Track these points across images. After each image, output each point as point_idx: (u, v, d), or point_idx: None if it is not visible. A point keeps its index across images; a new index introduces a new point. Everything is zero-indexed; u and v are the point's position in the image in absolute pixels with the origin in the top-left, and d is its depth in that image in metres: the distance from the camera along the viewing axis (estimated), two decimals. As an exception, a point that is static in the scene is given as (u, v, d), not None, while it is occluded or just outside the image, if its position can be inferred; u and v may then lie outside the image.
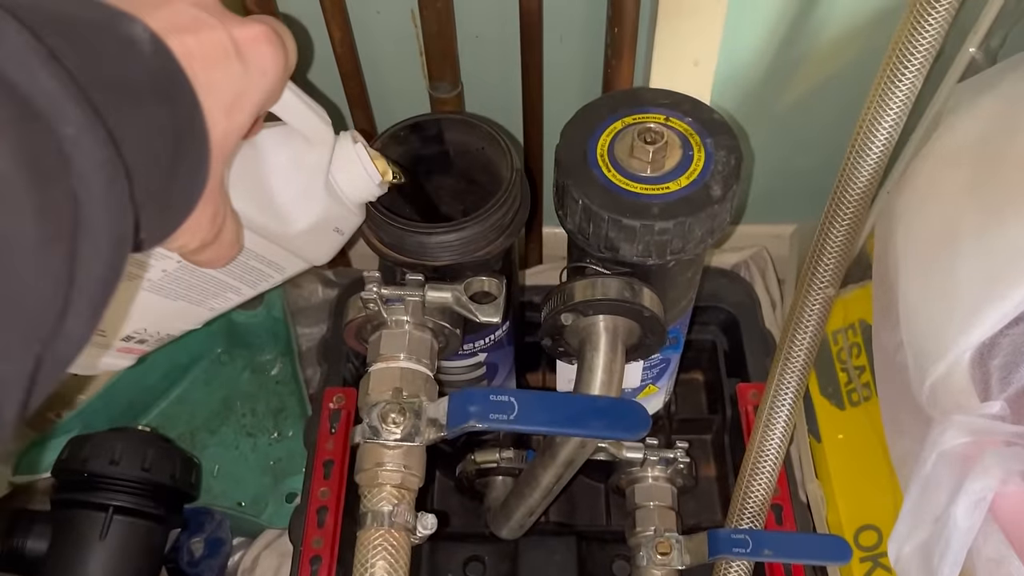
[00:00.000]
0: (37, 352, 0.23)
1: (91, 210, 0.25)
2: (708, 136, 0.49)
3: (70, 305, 0.24)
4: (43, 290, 0.23)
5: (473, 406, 0.43)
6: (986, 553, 0.48)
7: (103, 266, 0.26)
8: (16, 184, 0.22)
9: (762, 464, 0.63)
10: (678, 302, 0.55)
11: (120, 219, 0.27)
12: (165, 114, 0.29)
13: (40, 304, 0.23)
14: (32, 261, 0.22)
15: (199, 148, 0.32)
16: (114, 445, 0.66)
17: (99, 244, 0.25)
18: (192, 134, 0.31)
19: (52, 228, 0.23)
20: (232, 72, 0.33)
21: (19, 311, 0.22)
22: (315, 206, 0.46)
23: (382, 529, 0.44)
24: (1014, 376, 0.47)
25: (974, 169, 0.53)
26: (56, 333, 0.24)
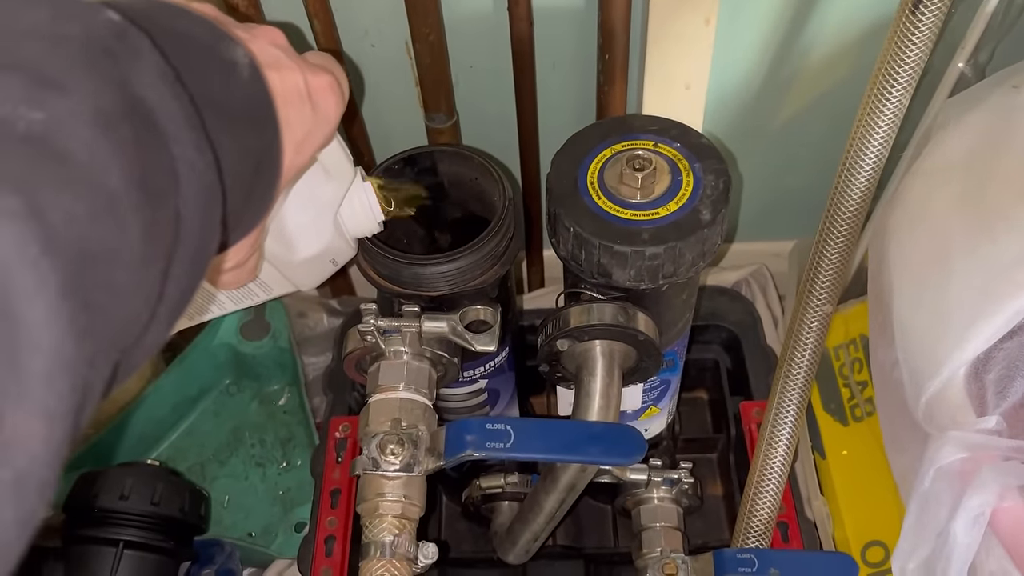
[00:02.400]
0: (116, 360, 0.23)
1: (189, 230, 0.26)
2: (696, 161, 0.50)
3: (154, 319, 0.25)
4: (135, 305, 0.24)
5: (470, 435, 0.44)
6: (989, 568, 0.48)
7: (189, 283, 0.27)
8: (126, 203, 0.23)
9: (766, 482, 0.63)
10: (674, 324, 0.55)
11: (212, 240, 0.28)
12: (254, 140, 0.31)
13: (130, 318, 0.24)
14: (131, 278, 0.23)
15: (272, 176, 0.33)
16: (123, 480, 0.67)
17: (189, 263, 0.26)
18: (270, 162, 0.33)
19: (154, 248, 0.24)
20: (304, 114, 0.35)
21: (111, 324, 0.23)
22: (321, 238, 0.47)
23: (384, 559, 0.44)
24: (1009, 390, 0.47)
25: (963, 185, 0.53)
26: (137, 344, 0.25)
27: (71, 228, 0.21)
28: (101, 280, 0.22)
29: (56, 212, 0.20)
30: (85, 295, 0.21)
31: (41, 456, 0.20)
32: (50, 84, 0.22)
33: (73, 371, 0.20)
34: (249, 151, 0.30)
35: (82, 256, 0.21)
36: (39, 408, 0.20)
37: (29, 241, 0.19)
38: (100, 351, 0.22)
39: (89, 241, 0.21)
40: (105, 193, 0.22)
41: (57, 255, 0.20)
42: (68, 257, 0.20)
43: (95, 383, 0.22)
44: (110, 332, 0.22)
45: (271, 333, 0.86)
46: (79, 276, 0.21)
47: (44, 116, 0.21)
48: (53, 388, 0.20)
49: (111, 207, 0.22)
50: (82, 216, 0.21)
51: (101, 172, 0.22)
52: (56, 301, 0.20)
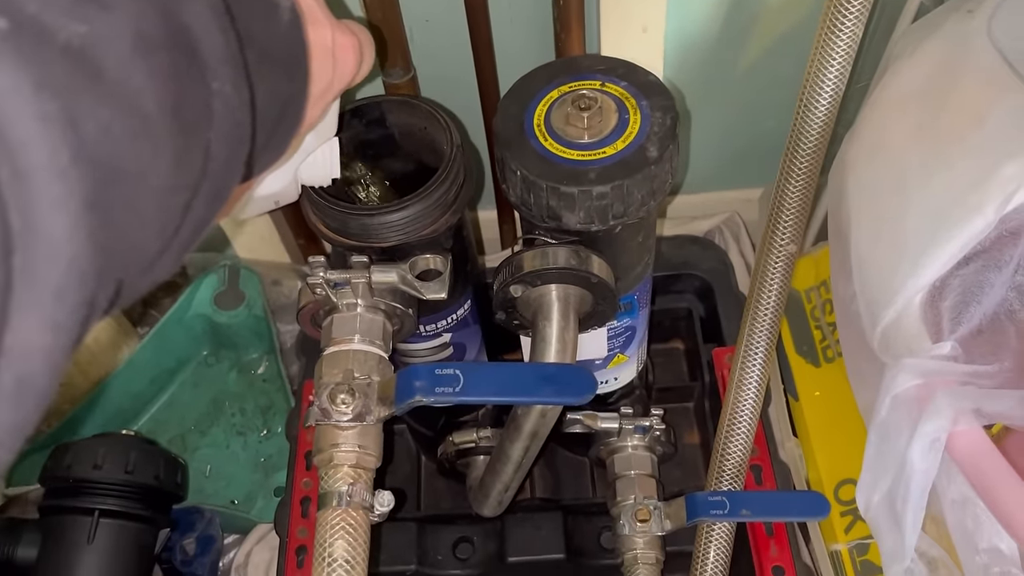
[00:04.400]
0: (119, 279, 0.23)
1: (216, 166, 0.26)
2: (644, 98, 0.49)
3: (168, 250, 0.25)
4: (154, 232, 0.24)
5: (418, 380, 0.43)
6: (950, 495, 0.48)
7: (205, 219, 0.27)
8: (160, 127, 0.22)
9: (737, 424, 0.63)
10: (632, 268, 0.55)
11: (234, 178, 0.28)
12: (284, 84, 0.31)
13: (146, 243, 0.24)
14: (156, 204, 0.23)
15: (294, 123, 0.33)
16: (97, 449, 0.67)
17: (211, 199, 0.26)
18: (295, 110, 0.33)
19: (183, 178, 0.24)
20: (326, 68, 0.36)
21: (127, 246, 0.22)
22: (280, 182, 0.46)
23: (340, 509, 0.44)
24: (964, 316, 0.47)
25: (919, 114, 0.53)
26: (146, 271, 0.25)
27: (104, 142, 0.20)
28: (126, 200, 0.22)
29: (91, 123, 0.20)
30: (108, 212, 0.21)
31: (42, 366, 0.20)
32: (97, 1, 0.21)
33: (84, 286, 0.20)
34: (278, 95, 0.31)
35: (112, 172, 0.21)
36: (48, 319, 0.20)
37: (61, 149, 0.19)
38: (111, 270, 0.22)
39: (121, 158, 0.21)
40: (139, 114, 0.22)
41: (86, 166, 0.20)
42: (98, 170, 0.20)
43: (101, 301, 0.22)
44: (124, 254, 0.22)
45: (245, 302, 0.86)
46: (106, 191, 0.21)
47: (86, 30, 0.21)
48: (64, 301, 0.20)
49: (145, 128, 0.22)
50: (117, 132, 0.21)
51: (135, 93, 0.22)
52: (80, 213, 0.20)
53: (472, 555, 0.72)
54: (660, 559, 0.64)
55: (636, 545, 0.64)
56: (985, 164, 0.47)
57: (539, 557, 0.70)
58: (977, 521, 0.47)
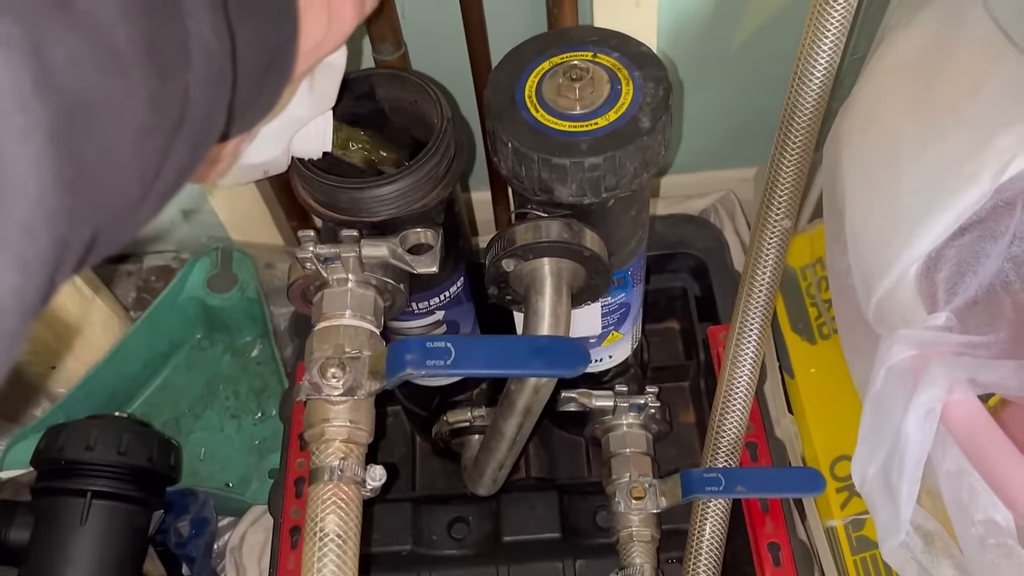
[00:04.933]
0: (97, 226, 0.22)
1: (195, 113, 0.25)
2: (636, 69, 0.48)
3: (147, 196, 0.25)
4: (130, 174, 0.23)
5: (409, 354, 0.43)
6: (945, 467, 0.48)
7: (188, 166, 0.26)
8: (132, 64, 0.22)
9: (732, 401, 0.63)
10: (626, 243, 0.54)
11: (216, 126, 0.27)
12: (272, 34, 0.31)
13: (122, 186, 0.23)
14: (130, 143, 0.22)
15: (283, 75, 0.33)
16: (89, 431, 0.66)
17: (191, 145, 0.26)
18: (283, 61, 0.32)
19: (158, 119, 0.23)
20: (320, 23, 0.35)
21: (100, 186, 0.22)
22: (273, 150, 0.45)
23: (331, 484, 0.44)
24: (960, 287, 0.47)
25: (914, 85, 0.52)
26: (125, 218, 0.24)
27: (71, 72, 0.20)
28: (97, 136, 0.21)
29: (58, 52, 0.19)
30: (77, 147, 0.20)
31: (12, 306, 0.19)
32: None
33: (53, 225, 0.20)
34: (265, 45, 0.30)
35: (79, 105, 0.20)
36: (15, 257, 0.19)
37: (23, 75, 0.18)
38: (83, 212, 0.21)
39: (89, 92, 0.20)
40: (110, 48, 0.21)
41: (52, 96, 0.19)
42: (64, 102, 0.19)
43: (73, 244, 0.21)
44: (98, 195, 0.22)
45: (238, 285, 0.86)
46: (73, 125, 0.20)
47: None
48: (31, 239, 0.19)
49: (116, 63, 0.21)
50: (85, 63, 0.20)
51: (107, 27, 0.21)
52: (44, 146, 0.19)
53: (467, 535, 0.72)
54: (656, 536, 0.64)
55: (631, 523, 0.64)
56: (980, 134, 0.46)
57: (535, 536, 0.70)
58: (972, 492, 0.46)
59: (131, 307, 0.92)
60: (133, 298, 0.93)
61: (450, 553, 0.71)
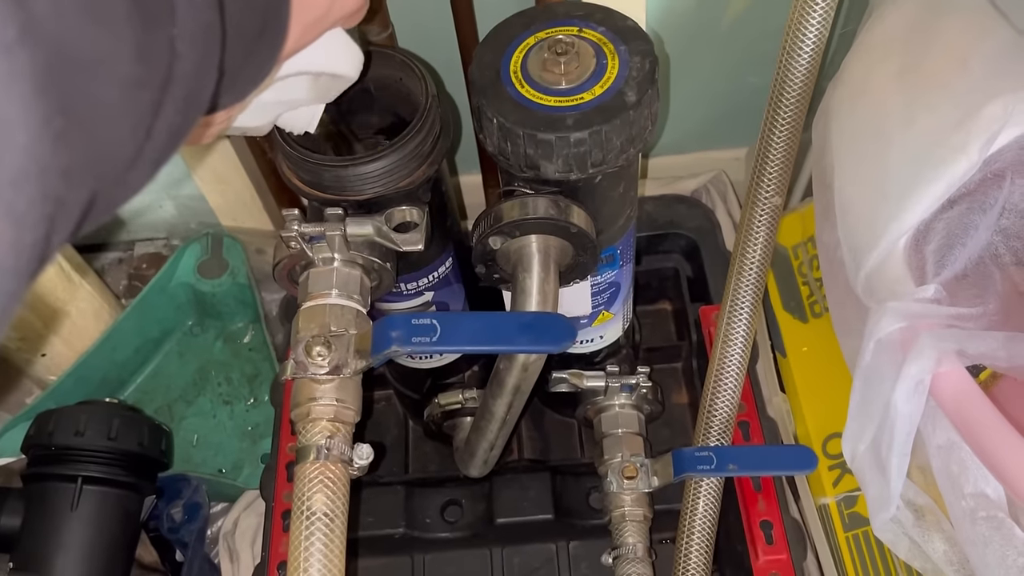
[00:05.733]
0: (94, 188, 0.22)
1: (183, 68, 0.24)
2: (622, 43, 0.48)
3: (140, 156, 0.24)
4: (121, 129, 0.23)
5: (395, 331, 0.43)
6: (936, 441, 0.48)
7: (180, 126, 0.26)
8: (119, 15, 0.21)
9: (724, 379, 0.63)
10: (615, 220, 0.54)
11: (206, 85, 0.26)
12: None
13: (114, 141, 0.22)
14: (118, 96, 0.22)
15: (276, 41, 0.32)
16: (79, 416, 0.66)
17: (182, 103, 0.25)
18: (275, 26, 0.32)
19: (145, 71, 0.23)
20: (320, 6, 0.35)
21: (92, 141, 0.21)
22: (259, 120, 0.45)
23: (319, 462, 0.44)
24: (948, 259, 0.47)
25: (902, 58, 0.52)
26: (119, 179, 0.24)
27: (56, 21, 0.19)
28: (84, 87, 0.20)
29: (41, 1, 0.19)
30: (65, 98, 0.20)
31: (7, 263, 0.19)
32: None
33: (46, 178, 0.19)
34: (255, 6, 0.29)
35: (65, 55, 0.20)
36: (6, 209, 0.18)
37: (7, 23, 0.18)
38: (77, 168, 0.21)
39: (75, 42, 0.20)
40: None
41: (37, 45, 0.19)
42: (49, 51, 0.19)
43: (69, 203, 0.21)
44: (90, 150, 0.21)
45: (229, 271, 0.86)
46: (60, 75, 0.19)
47: None
48: (22, 191, 0.19)
49: (101, 11, 0.21)
50: (69, 11, 0.20)
51: None
52: (30, 96, 0.19)
53: (460, 517, 0.72)
54: (648, 516, 0.64)
55: (623, 502, 0.63)
56: (968, 105, 0.46)
57: (528, 518, 0.70)
58: (963, 465, 0.46)
59: (122, 294, 0.91)
60: (124, 285, 0.93)
61: (443, 535, 0.71)
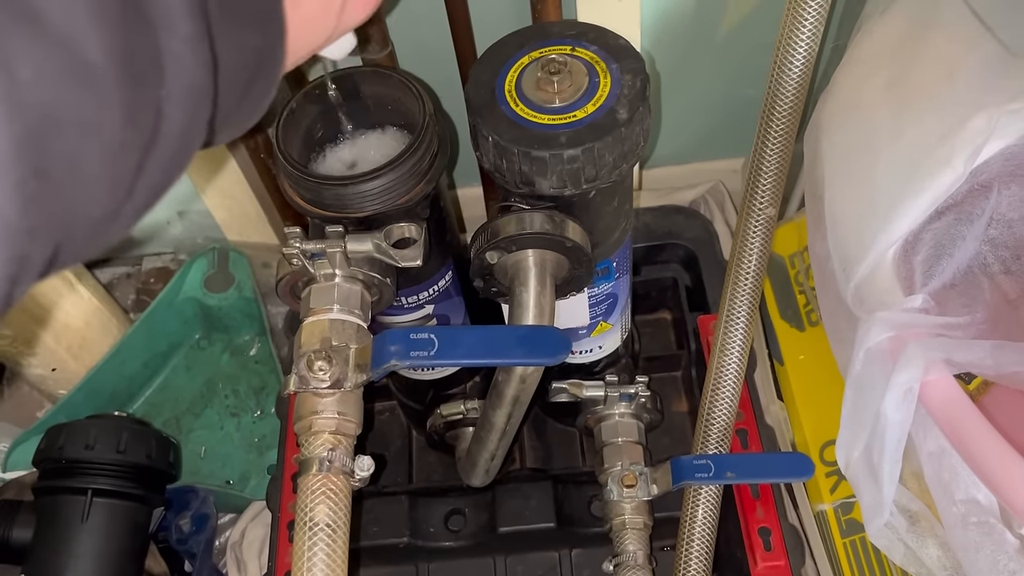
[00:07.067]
0: (59, 239, 0.22)
1: (170, 129, 0.24)
2: (614, 62, 0.49)
3: (119, 213, 0.24)
4: (100, 190, 0.22)
5: (394, 345, 0.44)
6: (927, 448, 0.49)
7: (162, 183, 0.25)
8: (107, 78, 0.21)
9: (722, 388, 0.64)
10: (610, 233, 0.55)
11: (194, 143, 0.26)
12: (256, 41, 0.29)
13: (91, 201, 0.22)
14: (101, 158, 0.22)
15: (271, 78, 0.31)
16: (89, 430, 0.67)
17: (166, 162, 0.24)
18: (271, 65, 0.30)
19: (131, 134, 0.22)
20: (324, 29, 0.35)
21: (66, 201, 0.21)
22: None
23: (321, 474, 0.45)
24: (936, 270, 0.47)
25: (891, 71, 0.53)
26: (92, 234, 0.23)
27: (40, 86, 0.19)
28: (64, 150, 0.20)
29: (25, 66, 0.19)
30: (43, 161, 0.20)
31: None
32: None
33: (11, 238, 0.19)
34: (250, 50, 0.28)
35: (47, 119, 0.20)
36: None
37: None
38: (45, 226, 0.21)
39: (58, 106, 0.20)
40: (81, 61, 0.20)
41: (17, 110, 0.19)
42: (30, 115, 0.19)
43: (33, 258, 0.21)
44: (63, 209, 0.21)
45: (235, 285, 0.87)
46: (40, 139, 0.19)
47: None
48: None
49: (88, 76, 0.20)
50: (53, 76, 0.20)
51: (78, 40, 0.20)
52: (7, 159, 0.19)
53: (464, 526, 0.73)
54: (648, 524, 0.65)
55: (624, 511, 0.64)
56: (954, 117, 0.47)
57: (530, 527, 0.71)
58: (953, 472, 0.47)
59: (130, 309, 0.93)
60: (132, 300, 0.94)
61: (447, 544, 0.72)
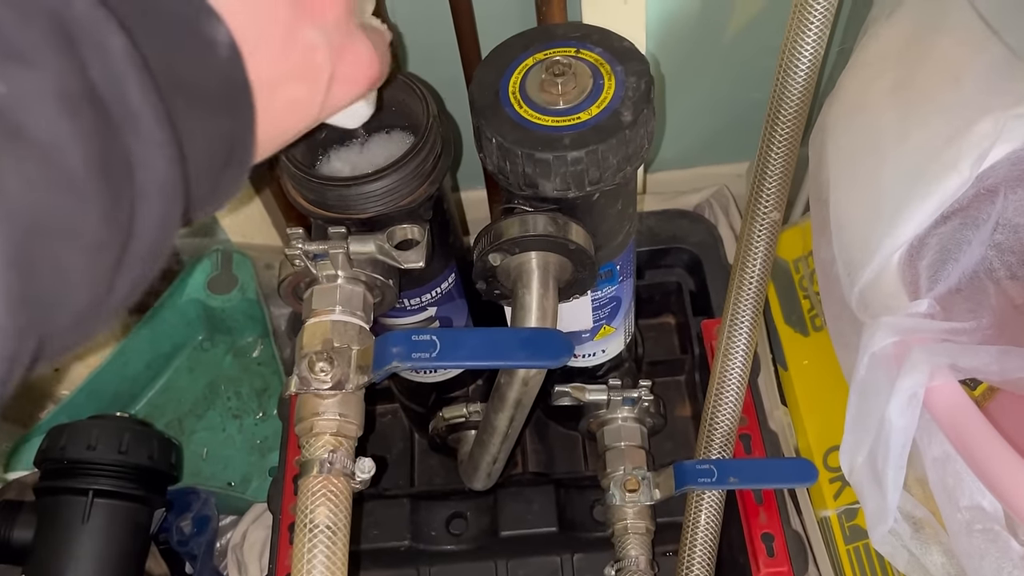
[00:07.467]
0: (42, 336, 0.22)
1: (144, 225, 0.25)
2: (619, 64, 0.49)
3: (101, 308, 0.25)
4: (79, 291, 0.23)
5: (396, 347, 0.44)
6: (931, 454, 0.48)
7: (141, 276, 0.26)
8: (86, 184, 0.22)
9: (725, 392, 0.63)
10: (613, 237, 0.55)
11: (169, 235, 0.26)
12: (225, 126, 0.29)
13: (73, 300, 0.23)
14: (82, 260, 0.22)
15: (244, 161, 0.31)
16: (90, 431, 0.67)
17: (143, 256, 0.25)
18: (240, 153, 0.30)
19: (109, 233, 0.23)
20: (307, 114, 0.34)
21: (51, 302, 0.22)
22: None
23: (321, 476, 0.45)
24: (942, 274, 0.47)
25: (896, 74, 0.52)
26: (74, 329, 0.24)
27: (27, 197, 0.20)
28: (51, 256, 0.21)
29: (13, 179, 0.20)
30: (30, 267, 0.21)
31: None
32: (15, 57, 0.21)
33: (2, 342, 0.20)
34: (220, 137, 0.29)
35: (35, 228, 0.21)
36: None
37: None
38: (31, 326, 0.21)
39: (45, 214, 0.21)
40: (65, 171, 0.21)
41: (9, 222, 0.20)
42: (20, 226, 0.20)
43: (22, 356, 0.22)
44: (48, 310, 0.22)
45: (239, 286, 0.87)
46: (28, 248, 0.20)
47: (5, 90, 0.20)
48: None
49: (71, 185, 0.21)
50: (41, 187, 0.21)
51: (61, 151, 0.21)
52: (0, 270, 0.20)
53: (465, 530, 0.72)
54: (651, 529, 0.64)
55: (626, 515, 0.64)
56: (960, 121, 0.46)
57: (532, 531, 0.71)
58: (958, 478, 0.47)
59: (133, 310, 0.93)
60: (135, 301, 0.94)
61: (448, 548, 0.72)
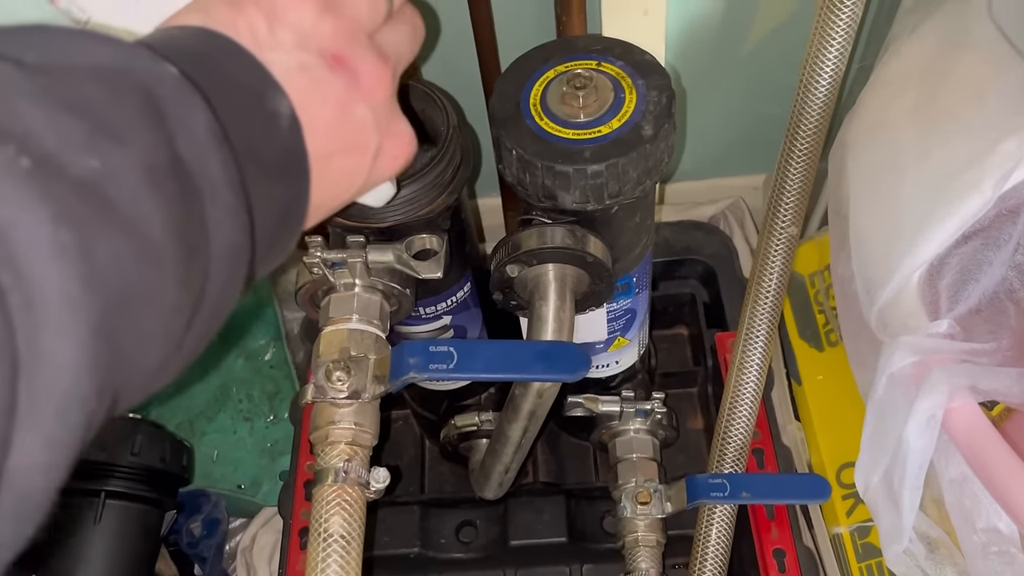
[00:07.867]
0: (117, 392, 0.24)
1: (214, 287, 0.26)
2: (640, 78, 0.49)
3: (168, 366, 0.26)
4: (153, 352, 0.24)
5: (413, 357, 0.44)
6: (949, 475, 0.48)
7: (206, 334, 0.27)
8: (166, 253, 0.23)
9: (739, 407, 0.63)
10: (631, 249, 0.55)
11: (233, 296, 0.28)
12: (284, 192, 0.31)
13: (146, 363, 0.24)
14: (160, 325, 0.24)
15: (296, 226, 0.33)
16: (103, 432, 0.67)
17: (210, 316, 0.27)
18: (295, 217, 0.32)
19: (183, 297, 0.25)
20: (354, 184, 0.35)
21: (129, 366, 0.23)
22: None
23: (336, 485, 0.45)
24: (962, 295, 0.47)
25: (918, 92, 0.52)
26: (143, 386, 0.25)
27: (114, 269, 0.21)
28: (132, 324, 0.22)
29: (102, 252, 0.21)
30: (114, 335, 0.22)
31: (42, 484, 0.21)
32: (110, 134, 0.22)
33: (85, 406, 0.21)
34: (278, 202, 0.30)
35: (120, 297, 0.22)
36: (48, 439, 0.20)
37: (72, 278, 0.20)
38: (109, 387, 0.22)
39: (129, 284, 0.22)
40: (148, 242, 0.22)
41: (96, 294, 0.21)
42: (107, 296, 0.21)
43: (99, 414, 0.23)
44: (126, 371, 0.23)
45: (252, 289, 0.87)
46: (113, 316, 0.21)
47: (99, 165, 0.22)
48: (64, 421, 0.21)
49: (153, 255, 0.23)
50: (126, 259, 0.22)
51: (145, 223, 0.22)
52: (86, 340, 0.20)
53: (475, 538, 0.72)
54: (661, 542, 0.64)
55: (637, 528, 0.64)
56: (983, 141, 0.46)
57: (542, 541, 0.71)
58: (975, 500, 0.46)
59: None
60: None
61: (458, 556, 0.72)
